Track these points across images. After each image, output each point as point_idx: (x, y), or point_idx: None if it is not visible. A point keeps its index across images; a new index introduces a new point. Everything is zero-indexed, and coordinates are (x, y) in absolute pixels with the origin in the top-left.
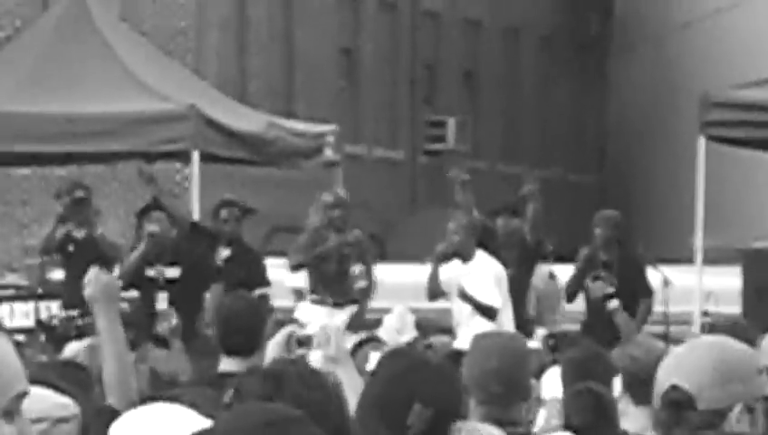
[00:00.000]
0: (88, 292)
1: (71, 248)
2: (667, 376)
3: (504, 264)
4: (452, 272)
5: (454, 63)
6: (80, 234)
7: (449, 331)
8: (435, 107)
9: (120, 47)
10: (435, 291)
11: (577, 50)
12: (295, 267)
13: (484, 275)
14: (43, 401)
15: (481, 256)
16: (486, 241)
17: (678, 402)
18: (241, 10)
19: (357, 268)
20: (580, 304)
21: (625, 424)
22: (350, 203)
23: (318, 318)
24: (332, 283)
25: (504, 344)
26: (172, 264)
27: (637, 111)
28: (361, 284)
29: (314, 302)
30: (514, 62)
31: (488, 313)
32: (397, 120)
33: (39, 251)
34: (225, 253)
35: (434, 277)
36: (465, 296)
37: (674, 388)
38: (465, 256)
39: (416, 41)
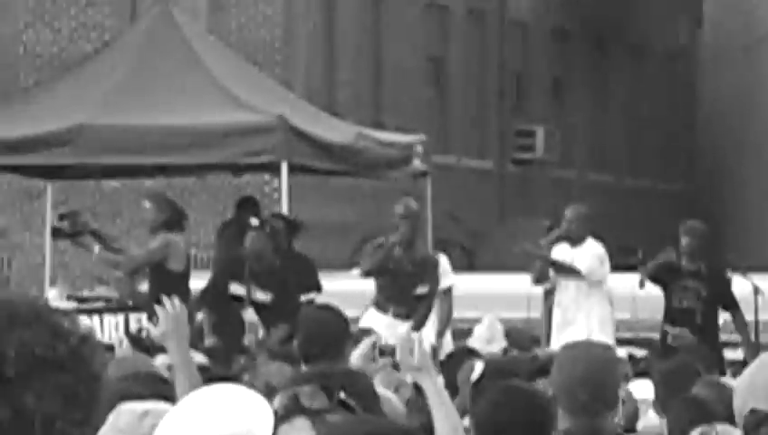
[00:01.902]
0: (158, 331)
1: None
2: (743, 401)
3: None
4: (561, 255)
5: (542, 73)
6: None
7: (538, 341)
8: (523, 116)
9: (208, 59)
10: (543, 273)
11: (666, 59)
12: (365, 274)
13: (588, 253)
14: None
15: (590, 241)
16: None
17: (759, 424)
18: (329, 21)
19: (422, 288)
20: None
21: None
22: (418, 214)
23: (380, 326)
24: (395, 296)
25: (592, 353)
26: (264, 287)
27: (726, 119)
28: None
29: (378, 310)
30: (603, 72)
31: (573, 273)
32: (485, 130)
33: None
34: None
35: (544, 260)
36: (551, 263)
37: (752, 412)
38: (576, 240)
39: (504, 50)
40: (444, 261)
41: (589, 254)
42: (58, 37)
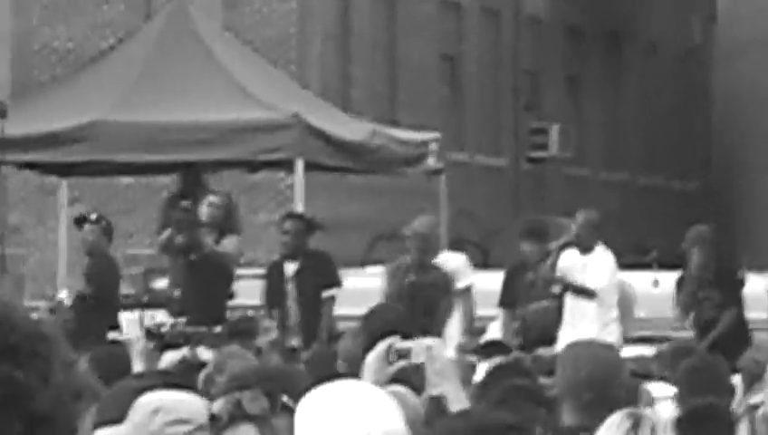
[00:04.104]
0: None
1: (192, 257)
2: None
3: None
4: (570, 261)
5: (556, 70)
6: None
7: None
8: (537, 114)
9: (223, 56)
10: (551, 279)
11: (680, 56)
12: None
13: (600, 266)
14: (193, 403)
15: (600, 249)
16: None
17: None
18: (344, 18)
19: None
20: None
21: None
22: (427, 236)
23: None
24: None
25: (596, 353)
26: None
27: (741, 116)
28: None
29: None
30: (617, 69)
31: (587, 294)
32: (499, 128)
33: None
34: (292, 267)
35: (552, 266)
36: (564, 284)
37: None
38: (586, 248)
39: (518, 48)
40: (462, 260)
41: (602, 269)
42: (73, 34)
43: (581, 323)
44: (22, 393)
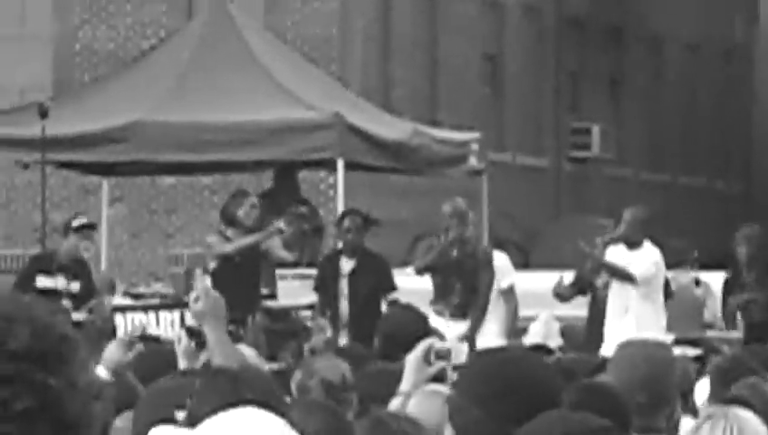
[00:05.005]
0: (197, 307)
1: (237, 258)
2: None
3: None
4: (616, 257)
5: (598, 70)
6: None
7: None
8: (579, 114)
9: (264, 56)
10: (592, 272)
11: (722, 57)
12: (419, 272)
13: (646, 260)
14: None
15: (648, 246)
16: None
17: None
18: (385, 18)
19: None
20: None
21: None
22: (466, 212)
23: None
24: (448, 294)
25: (650, 353)
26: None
27: None
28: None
29: (435, 312)
30: (659, 69)
31: (627, 278)
32: (541, 128)
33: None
34: (349, 264)
35: (597, 260)
36: (604, 264)
37: None
38: (633, 244)
39: (560, 48)
40: (504, 259)
41: (646, 260)
42: (114, 34)
43: (625, 318)
44: (54, 400)
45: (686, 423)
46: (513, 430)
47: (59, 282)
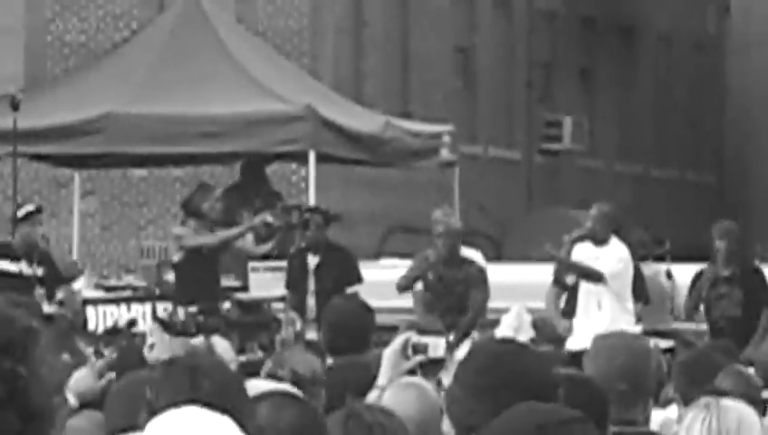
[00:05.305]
0: (153, 355)
1: (204, 250)
2: None
3: None
4: (584, 254)
5: (570, 62)
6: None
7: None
8: (551, 106)
9: (236, 49)
10: (562, 275)
11: (694, 48)
12: (400, 290)
13: (613, 257)
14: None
15: (614, 242)
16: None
17: None
18: (357, 11)
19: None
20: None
21: None
22: (460, 232)
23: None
24: (442, 313)
25: (630, 343)
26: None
27: (754, 108)
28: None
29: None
30: (631, 61)
31: (593, 277)
32: (513, 120)
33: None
34: (314, 260)
35: (564, 261)
36: (570, 266)
37: None
38: (600, 241)
39: (531, 40)
40: (476, 255)
41: (613, 256)
42: (86, 26)
43: (595, 314)
44: (21, 390)
45: (656, 416)
46: None
47: (23, 267)
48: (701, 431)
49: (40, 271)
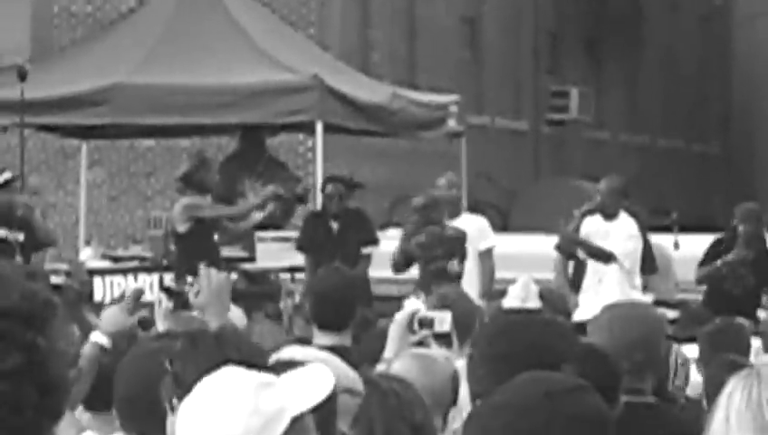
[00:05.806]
0: (199, 300)
1: (208, 220)
2: None
3: None
4: (593, 227)
5: (577, 33)
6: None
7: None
8: (558, 77)
9: (243, 19)
10: (568, 247)
11: (701, 18)
12: (395, 271)
13: (623, 233)
14: (349, 372)
15: (623, 216)
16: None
17: None
18: None
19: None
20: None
21: None
22: (440, 202)
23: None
24: (425, 281)
25: (645, 314)
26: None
27: (761, 79)
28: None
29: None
30: (638, 32)
31: (603, 257)
32: (520, 91)
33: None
34: (334, 226)
35: (572, 233)
36: (580, 243)
37: None
38: (609, 215)
39: (538, 10)
40: (484, 222)
41: (623, 234)
42: None
43: (603, 289)
44: (40, 361)
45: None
46: None
47: (6, 233)
48: (740, 400)
49: (21, 236)
